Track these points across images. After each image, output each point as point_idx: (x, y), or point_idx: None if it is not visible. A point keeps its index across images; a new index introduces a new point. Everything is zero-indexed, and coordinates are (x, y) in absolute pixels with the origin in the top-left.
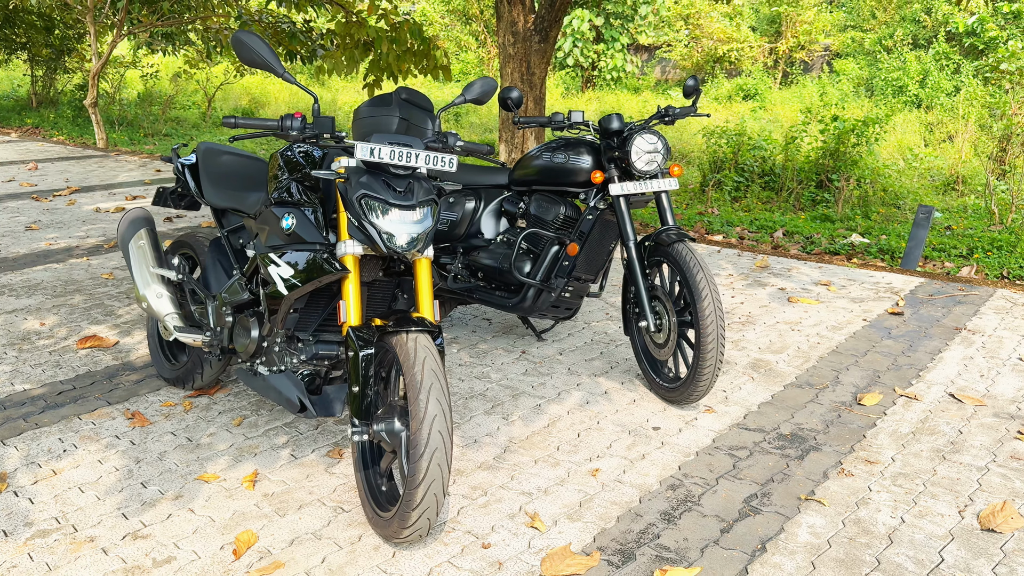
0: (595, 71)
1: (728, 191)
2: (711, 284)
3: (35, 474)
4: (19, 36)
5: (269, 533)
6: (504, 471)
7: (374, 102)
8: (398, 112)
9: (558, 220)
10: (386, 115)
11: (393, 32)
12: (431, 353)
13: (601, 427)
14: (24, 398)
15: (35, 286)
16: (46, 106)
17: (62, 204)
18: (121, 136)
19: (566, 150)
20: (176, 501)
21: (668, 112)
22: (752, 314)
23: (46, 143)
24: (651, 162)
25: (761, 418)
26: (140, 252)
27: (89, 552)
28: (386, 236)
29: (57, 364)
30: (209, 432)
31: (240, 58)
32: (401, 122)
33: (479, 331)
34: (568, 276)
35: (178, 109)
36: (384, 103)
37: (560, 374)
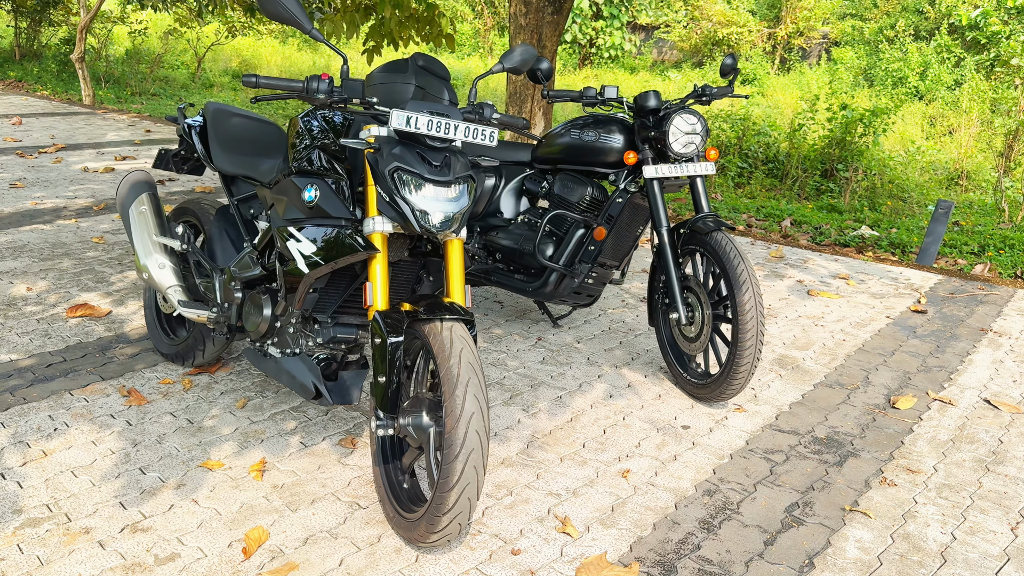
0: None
1: (731, 177)
2: (752, 277)
3: (24, 454)
4: None
5: (281, 530)
6: (529, 469)
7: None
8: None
9: (583, 202)
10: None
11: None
12: (467, 344)
13: (628, 423)
14: (11, 369)
15: (21, 248)
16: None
17: (48, 162)
18: (107, 93)
19: (596, 127)
20: (178, 490)
21: (705, 92)
22: (773, 307)
23: (30, 97)
24: (689, 144)
25: (794, 419)
26: (141, 219)
27: (84, 545)
28: (420, 214)
29: (46, 333)
30: (211, 414)
31: (265, 12)
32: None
33: (491, 314)
34: (593, 262)
35: (167, 68)
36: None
37: (579, 364)
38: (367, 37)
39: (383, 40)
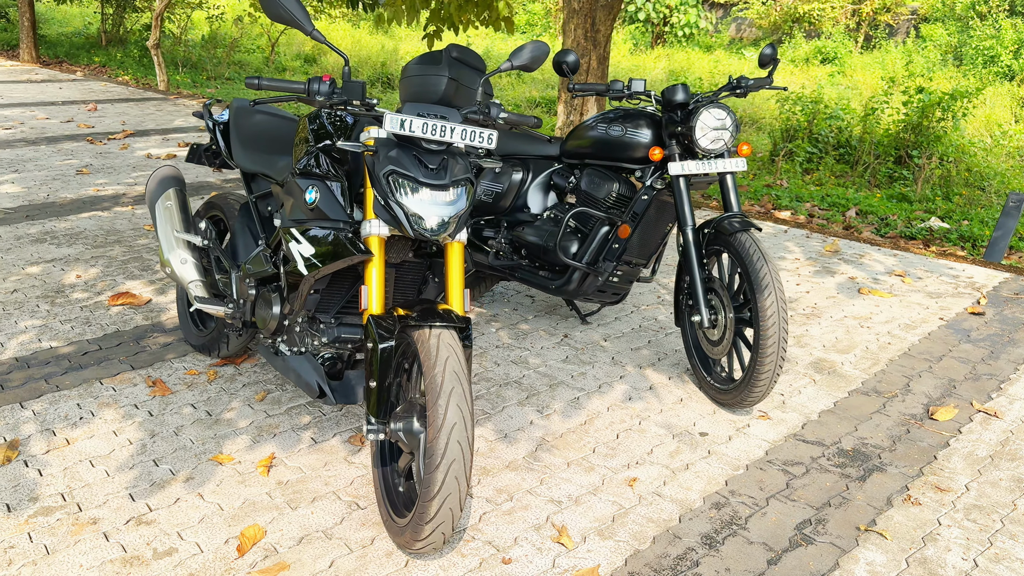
0: (666, 27)
1: (800, 162)
2: (775, 280)
3: (48, 442)
4: None
5: (278, 528)
6: (534, 473)
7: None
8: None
9: (610, 198)
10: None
11: None
12: (454, 353)
13: (643, 428)
14: (50, 356)
15: (77, 235)
16: (114, 45)
17: (115, 148)
18: (184, 78)
19: (623, 122)
20: (187, 483)
21: (741, 83)
22: (818, 306)
23: (110, 83)
24: (717, 140)
25: (821, 429)
26: (167, 214)
27: (90, 536)
28: (414, 218)
29: (87, 321)
30: (230, 407)
31: (267, 14)
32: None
33: (521, 309)
34: (617, 260)
35: (242, 52)
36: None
37: (603, 363)
38: (427, 22)
39: (443, 24)
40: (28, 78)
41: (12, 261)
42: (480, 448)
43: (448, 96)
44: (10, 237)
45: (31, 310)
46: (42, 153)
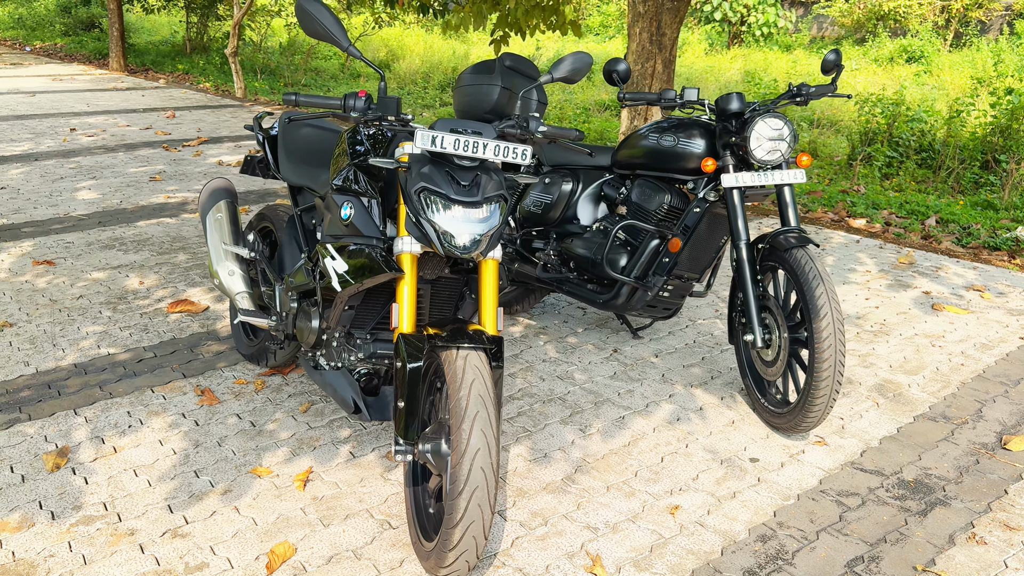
0: (744, 26)
1: (879, 167)
2: (832, 300)
3: (97, 450)
4: None
5: (308, 546)
6: (571, 496)
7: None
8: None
9: (661, 210)
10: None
11: None
12: (481, 375)
13: (689, 452)
14: (107, 363)
15: (144, 241)
16: (198, 53)
17: (189, 155)
18: (262, 85)
19: (676, 131)
20: (224, 496)
21: (802, 91)
22: (887, 322)
23: (190, 91)
24: (773, 151)
25: (881, 457)
26: (217, 225)
27: (126, 547)
28: (444, 235)
29: (145, 328)
30: (274, 417)
31: (304, 28)
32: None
33: (571, 321)
34: (667, 274)
35: (319, 59)
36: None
37: (652, 380)
38: (494, 27)
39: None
40: (114, 86)
41: (81, 267)
42: (518, 468)
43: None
44: (81, 243)
45: (94, 316)
46: (119, 160)
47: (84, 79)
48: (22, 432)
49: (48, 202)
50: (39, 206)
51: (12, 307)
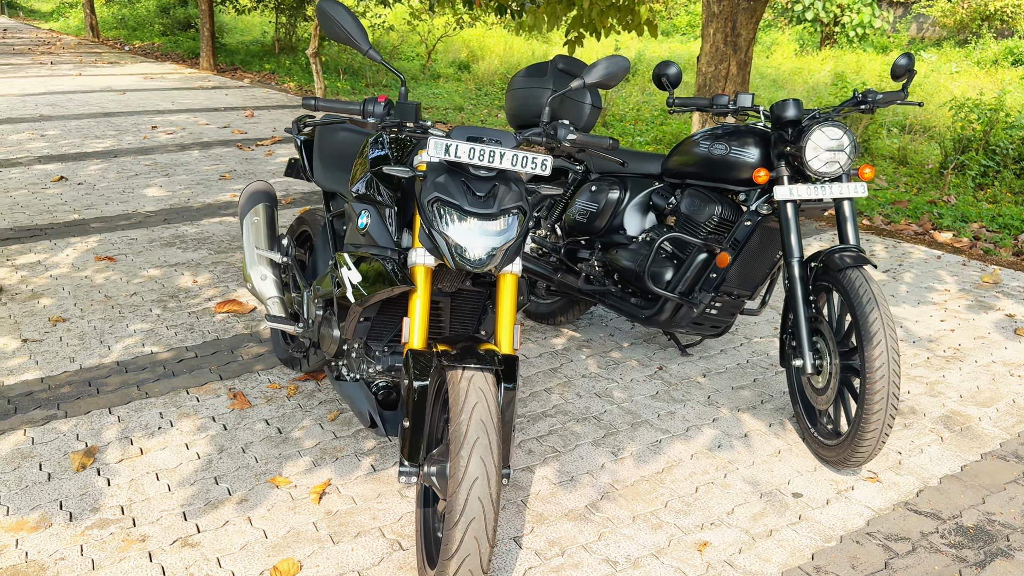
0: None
1: (972, 177)
2: (887, 326)
3: (124, 451)
4: None
5: (314, 563)
6: (593, 526)
7: (530, 71)
8: (551, 84)
9: (711, 222)
10: (538, 87)
11: None
12: (485, 398)
13: (727, 483)
14: (148, 362)
15: (204, 239)
16: (286, 53)
17: (261, 154)
18: (344, 85)
19: (729, 139)
20: (239, 505)
21: (867, 98)
22: (962, 347)
23: (273, 90)
24: (831, 162)
25: (940, 498)
26: (253, 229)
27: (136, 554)
28: (455, 248)
29: (191, 328)
30: (301, 425)
31: (324, 30)
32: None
33: (617, 335)
34: (715, 290)
35: (402, 60)
36: (538, 73)
37: (696, 402)
38: (568, 28)
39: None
40: (200, 85)
41: (140, 264)
42: (541, 491)
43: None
44: (144, 240)
45: (143, 314)
46: (193, 158)
47: (174, 78)
48: (56, 429)
49: (120, 198)
50: (111, 202)
51: (68, 302)
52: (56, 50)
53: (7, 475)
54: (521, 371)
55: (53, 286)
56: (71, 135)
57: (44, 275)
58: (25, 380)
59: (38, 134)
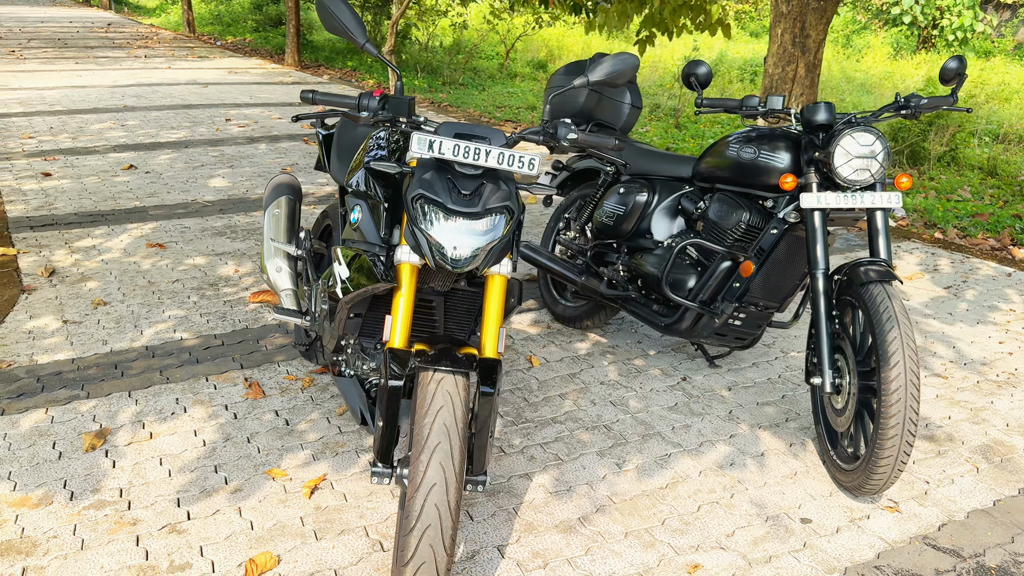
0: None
1: None
2: (907, 347)
3: (134, 435)
4: None
5: (293, 559)
6: (582, 539)
7: (569, 69)
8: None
9: (739, 229)
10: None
11: None
12: (451, 402)
13: (732, 503)
14: (175, 348)
15: (254, 230)
16: None
17: None
18: (421, 83)
19: (758, 143)
20: (232, 495)
21: (910, 103)
22: (1017, 372)
23: (349, 86)
24: (861, 170)
25: (964, 534)
26: (273, 221)
27: (124, 537)
28: (435, 246)
29: (223, 316)
30: (309, 418)
31: (323, 24)
32: (591, 94)
33: (645, 342)
34: (738, 300)
35: (481, 59)
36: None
37: (715, 416)
38: (640, 27)
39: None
40: (280, 80)
41: (188, 252)
42: (535, 500)
43: (588, 108)
44: (196, 229)
45: (181, 301)
46: (260, 151)
47: (256, 72)
48: (76, 409)
49: (182, 187)
50: (172, 191)
51: (113, 286)
52: (152, 44)
53: (22, 452)
54: (538, 375)
55: (102, 270)
56: (149, 126)
57: (96, 259)
58: (57, 360)
59: (119, 124)
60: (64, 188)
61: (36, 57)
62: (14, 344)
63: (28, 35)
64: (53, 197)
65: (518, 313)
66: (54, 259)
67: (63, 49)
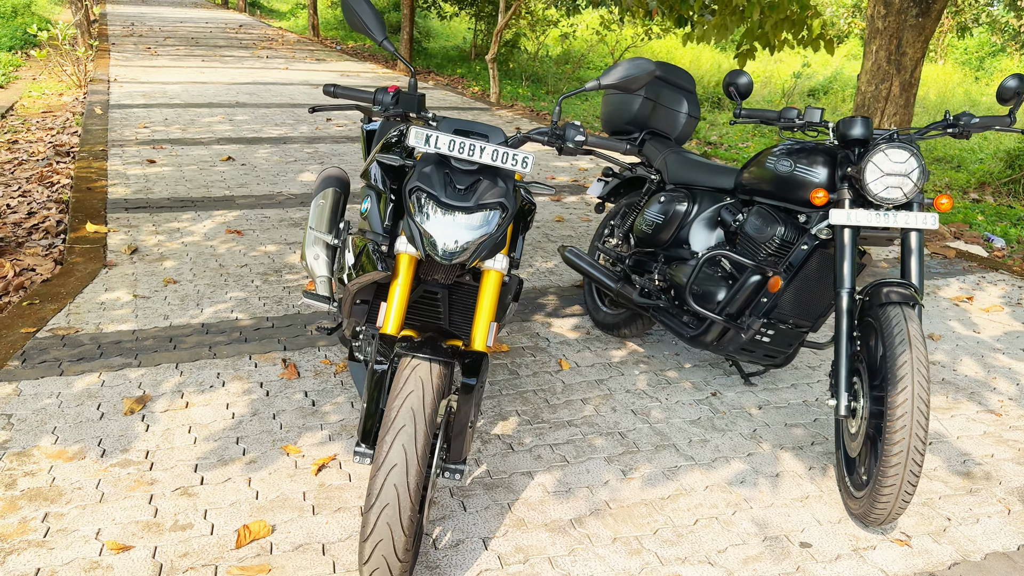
0: None
1: None
2: (917, 372)
3: (171, 403)
4: None
5: (287, 530)
6: (569, 540)
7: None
8: (643, 91)
9: (772, 243)
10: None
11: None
12: (421, 388)
13: (732, 520)
14: (228, 327)
15: None
16: (480, 59)
17: None
18: (526, 91)
19: (796, 156)
20: (246, 466)
21: (960, 121)
22: None
23: (453, 93)
24: (892, 188)
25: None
26: (317, 211)
27: (140, 495)
28: (427, 238)
29: (279, 301)
30: (334, 400)
31: (347, 21)
32: (645, 102)
33: (684, 355)
34: (766, 316)
35: (587, 69)
36: None
37: (737, 433)
38: (741, 40)
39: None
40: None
41: (262, 240)
42: (531, 498)
43: (643, 116)
44: (275, 219)
45: (245, 284)
46: (352, 149)
47: (366, 76)
48: (125, 376)
49: (271, 180)
50: (262, 183)
51: (186, 267)
52: (276, 46)
53: (70, 410)
54: (565, 378)
55: (180, 251)
56: (255, 121)
57: (177, 241)
58: (120, 330)
59: (227, 118)
60: (164, 175)
61: (168, 54)
62: (85, 313)
63: (166, 34)
64: (152, 182)
65: (560, 317)
66: (140, 239)
67: (193, 47)
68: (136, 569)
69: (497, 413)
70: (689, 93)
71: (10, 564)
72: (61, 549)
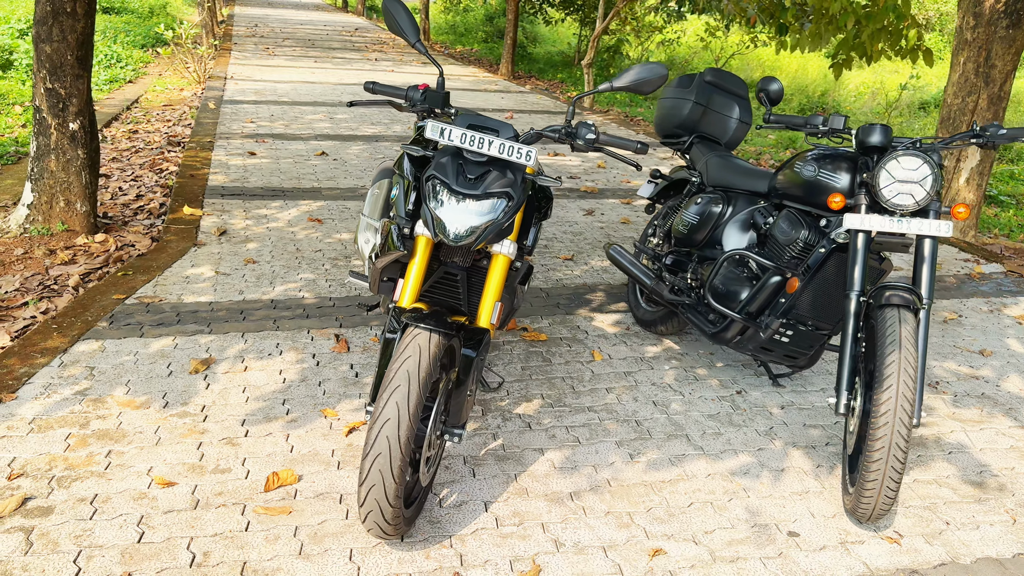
0: None
1: None
2: (904, 373)
3: (232, 366)
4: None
5: (312, 480)
6: (564, 510)
7: (679, 83)
8: (693, 96)
9: (796, 246)
10: (681, 98)
11: (872, 6)
12: (418, 354)
13: (726, 506)
14: (295, 303)
15: None
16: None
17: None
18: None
19: (819, 162)
20: (287, 424)
21: (987, 131)
22: None
23: (547, 97)
24: (903, 194)
25: None
26: (372, 199)
27: (191, 441)
28: (437, 222)
29: (343, 283)
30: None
31: (386, 23)
32: (695, 107)
33: (718, 354)
34: (783, 316)
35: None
36: (686, 85)
37: (753, 430)
38: (836, 50)
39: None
40: (485, 88)
41: (338, 228)
42: (537, 471)
43: (692, 120)
44: (355, 210)
45: (316, 267)
46: None
47: (467, 79)
48: (196, 341)
49: (357, 175)
50: (349, 177)
51: (266, 249)
52: (387, 49)
53: (143, 366)
54: (595, 368)
55: (264, 235)
56: (353, 120)
57: (263, 226)
58: (199, 301)
59: (328, 116)
60: (261, 166)
61: (284, 55)
62: (171, 285)
63: (285, 35)
64: (250, 172)
65: (604, 312)
66: (230, 223)
67: (308, 49)
68: (176, 502)
69: (523, 395)
70: (741, 99)
71: (75, 488)
72: (117, 480)
